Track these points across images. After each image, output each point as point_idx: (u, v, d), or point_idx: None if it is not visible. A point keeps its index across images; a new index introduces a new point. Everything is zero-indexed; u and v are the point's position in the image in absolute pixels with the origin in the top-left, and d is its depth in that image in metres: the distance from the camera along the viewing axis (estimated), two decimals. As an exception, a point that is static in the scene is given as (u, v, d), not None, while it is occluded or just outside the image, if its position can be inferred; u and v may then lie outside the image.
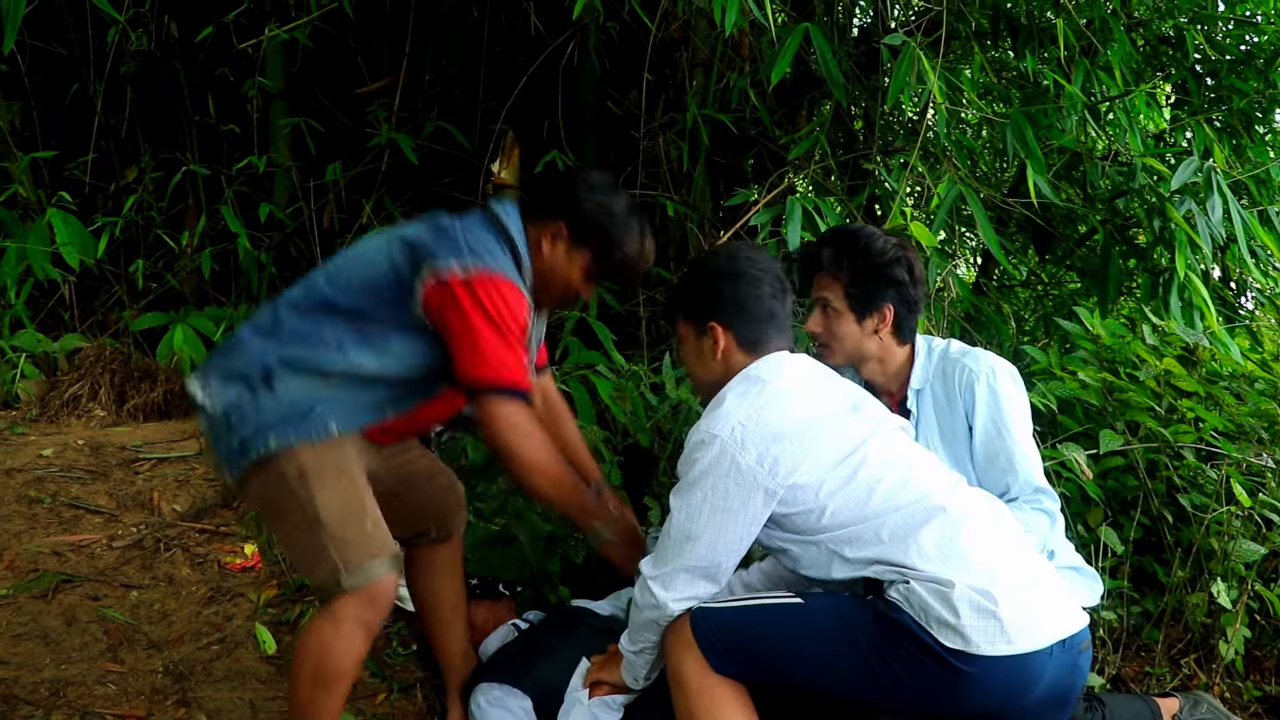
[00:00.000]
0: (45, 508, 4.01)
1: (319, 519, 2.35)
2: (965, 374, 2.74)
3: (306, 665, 2.34)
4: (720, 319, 2.44)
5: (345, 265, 2.51)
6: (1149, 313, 4.04)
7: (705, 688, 2.25)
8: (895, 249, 2.73)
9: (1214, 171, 3.90)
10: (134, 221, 5.65)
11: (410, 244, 2.43)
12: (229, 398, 2.42)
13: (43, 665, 3.10)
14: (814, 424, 2.29)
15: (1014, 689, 2.11)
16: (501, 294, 2.38)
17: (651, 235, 2.66)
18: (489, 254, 2.41)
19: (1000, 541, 2.21)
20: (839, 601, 2.22)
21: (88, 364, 5.41)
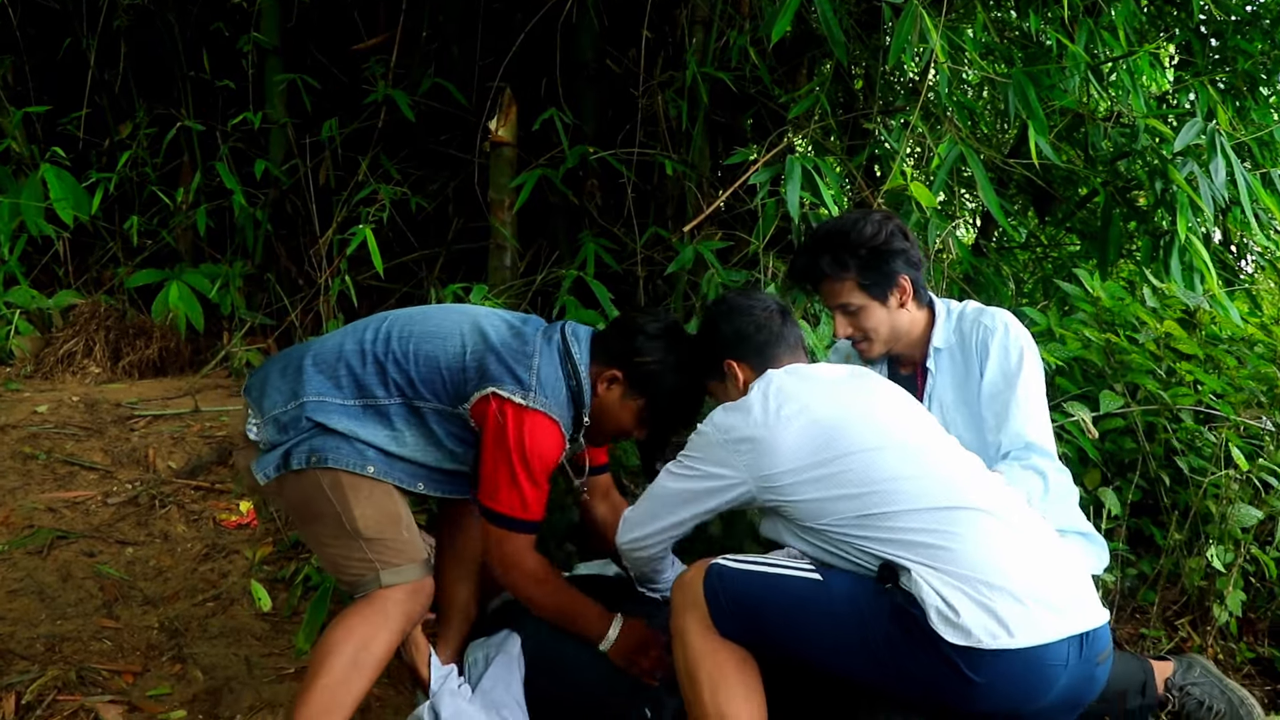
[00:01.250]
0: (40, 464, 4.01)
1: (356, 529, 2.45)
2: (981, 331, 2.75)
3: (347, 648, 2.36)
4: (730, 354, 2.56)
5: (420, 332, 2.58)
6: (1150, 275, 4.02)
7: (707, 649, 2.22)
8: (882, 222, 2.73)
9: (1218, 133, 3.86)
10: (128, 178, 5.62)
11: (492, 351, 2.52)
12: (280, 409, 2.50)
13: (38, 621, 3.10)
14: (824, 415, 2.29)
15: (1024, 694, 2.06)
16: (541, 437, 2.49)
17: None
18: (552, 395, 2.51)
19: (1014, 534, 2.14)
20: (858, 587, 2.16)
21: (82, 320, 5.40)
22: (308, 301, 5.34)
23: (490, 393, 2.47)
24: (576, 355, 2.59)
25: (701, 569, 2.27)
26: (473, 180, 5.11)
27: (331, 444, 2.46)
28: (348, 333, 2.62)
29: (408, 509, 2.58)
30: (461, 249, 5.71)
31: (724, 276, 4.01)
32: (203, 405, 4.67)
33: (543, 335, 2.59)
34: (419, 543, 2.54)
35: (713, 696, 2.19)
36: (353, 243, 4.54)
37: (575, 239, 5.04)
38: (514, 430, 2.46)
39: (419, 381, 2.52)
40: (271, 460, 2.48)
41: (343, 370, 2.53)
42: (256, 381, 2.60)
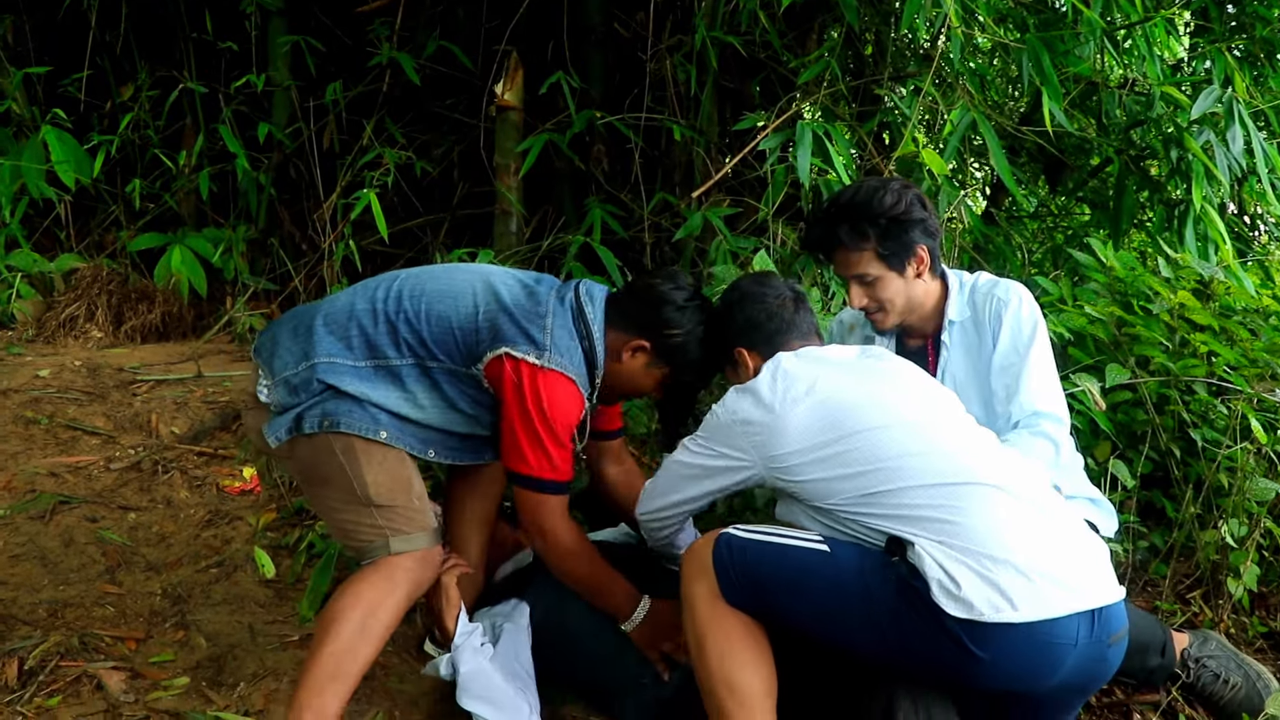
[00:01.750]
0: (42, 429, 3.98)
1: (367, 495, 2.42)
2: (994, 304, 2.74)
3: (354, 615, 2.33)
4: (740, 342, 2.56)
5: (432, 291, 2.54)
6: (1164, 244, 3.97)
7: (715, 617, 2.20)
8: (901, 191, 2.70)
9: (1236, 101, 3.81)
10: (130, 140, 5.57)
11: (505, 310, 2.49)
12: (291, 371, 2.47)
13: (40, 586, 3.08)
14: (831, 396, 2.27)
15: (1031, 672, 2.03)
16: (561, 396, 2.47)
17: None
18: (567, 355, 2.49)
19: (1023, 509, 2.11)
20: (865, 560, 2.14)
21: (84, 284, 5.37)
22: (311, 266, 5.29)
23: (504, 353, 2.44)
24: (590, 316, 2.56)
25: (711, 538, 2.26)
26: (478, 145, 5.05)
27: (344, 408, 2.43)
28: (358, 292, 2.58)
29: (419, 476, 2.55)
30: (467, 214, 5.67)
31: (732, 243, 3.97)
32: (206, 370, 4.64)
33: (556, 295, 2.56)
34: (429, 511, 2.51)
35: (720, 664, 2.18)
36: (357, 207, 4.50)
37: (581, 205, 4.99)
38: (532, 391, 2.43)
39: (431, 342, 2.48)
40: (283, 423, 2.45)
41: (354, 330, 2.49)
42: (266, 341, 2.56)
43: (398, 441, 2.48)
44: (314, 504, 2.61)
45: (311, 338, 2.48)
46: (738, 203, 4.58)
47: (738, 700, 2.16)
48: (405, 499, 2.46)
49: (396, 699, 2.73)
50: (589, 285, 2.65)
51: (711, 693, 2.19)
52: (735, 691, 2.16)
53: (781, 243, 3.97)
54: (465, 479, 2.91)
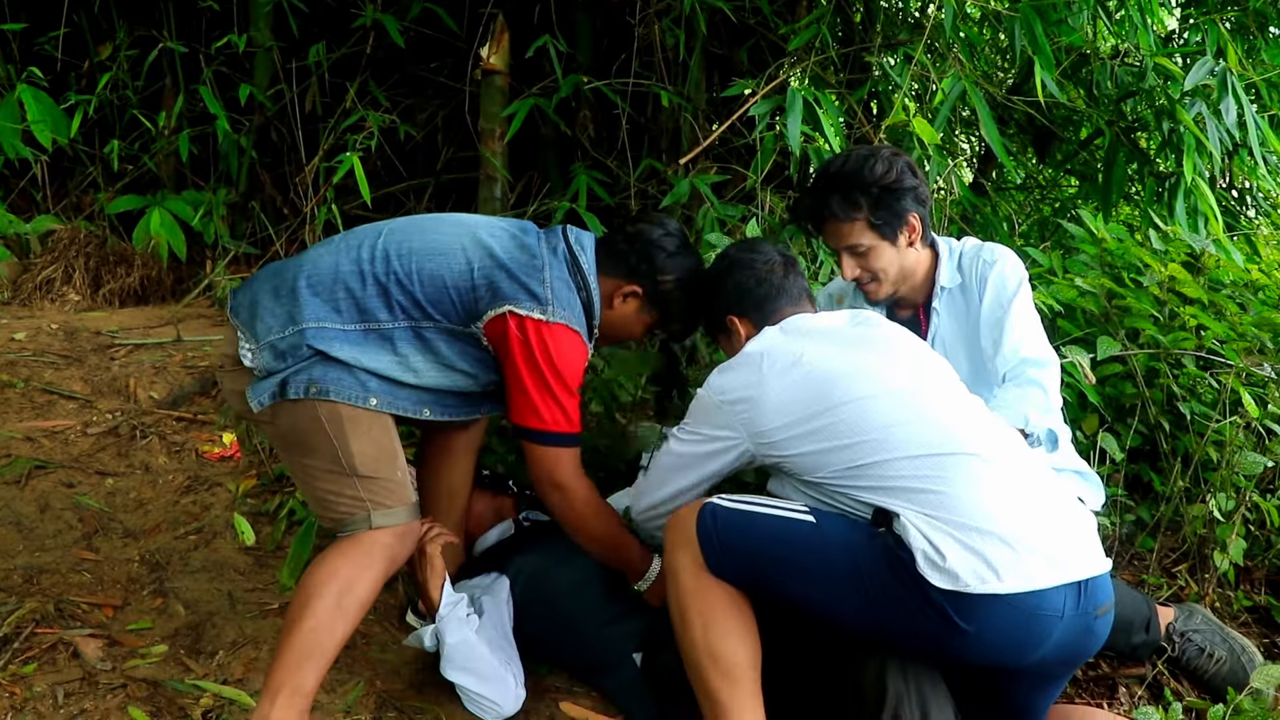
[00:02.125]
0: (18, 392, 3.92)
1: (351, 466, 2.35)
2: (980, 265, 2.74)
3: (332, 589, 2.27)
4: (732, 310, 2.56)
5: (420, 248, 2.47)
6: (1155, 217, 3.94)
7: (699, 588, 2.18)
8: (892, 159, 2.67)
9: (1229, 73, 3.77)
10: (108, 100, 5.46)
11: (501, 267, 2.43)
12: (277, 335, 2.39)
13: (15, 552, 3.04)
14: (817, 367, 2.25)
15: (1017, 644, 2.01)
16: (568, 347, 2.45)
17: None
18: (569, 308, 2.46)
19: (1009, 480, 2.09)
20: (852, 531, 2.13)
21: (61, 246, 5.29)
22: (293, 230, 5.23)
23: (507, 311, 2.39)
24: (585, 265, 2.54)
25: (695, 508, 2.24)
26: (463, 109, 4.98)
27: (333, 374, 2.36)
28: (340, 251, 2.48)
29: (401, 448, 2.48)
30: (451, 179, 5.61)
31: (720, 211, 3.93)
32: (185, 335, 4.58)
33: (547, 245, 2.52)
34: (410, 485, 2.46)
35: (704, 635, 2.16)
36: (339, 170, 4.43)
37: (567, 171, 4.94)
38: (540, 346, 2.40)
39: (426, 303, 2.42)
40: (267, 388, 2.37)
41: (341, 293, 2.41)
42: (244, 302, 2.46)
43: (389, 407, 2.42)
44: (293, 471, 2.55)
45: (297, 301, 2.40)
46: (725, 170, 4.53)
47: (722, 671, 2.13)
48: (389, 471, 2.40)
49: (378, 668, 2.71)
50: (577, 233, 2.61)
51: (695, 664, 2.17)
52: (720, 663, 2.14)
53: (770, 211, 3.93)
54: (440, 447, 2.87)
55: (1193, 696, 2.71)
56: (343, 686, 2.59)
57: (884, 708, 2.16)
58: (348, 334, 2.39)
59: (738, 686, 2.13)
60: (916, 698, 2.18)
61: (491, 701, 2.51)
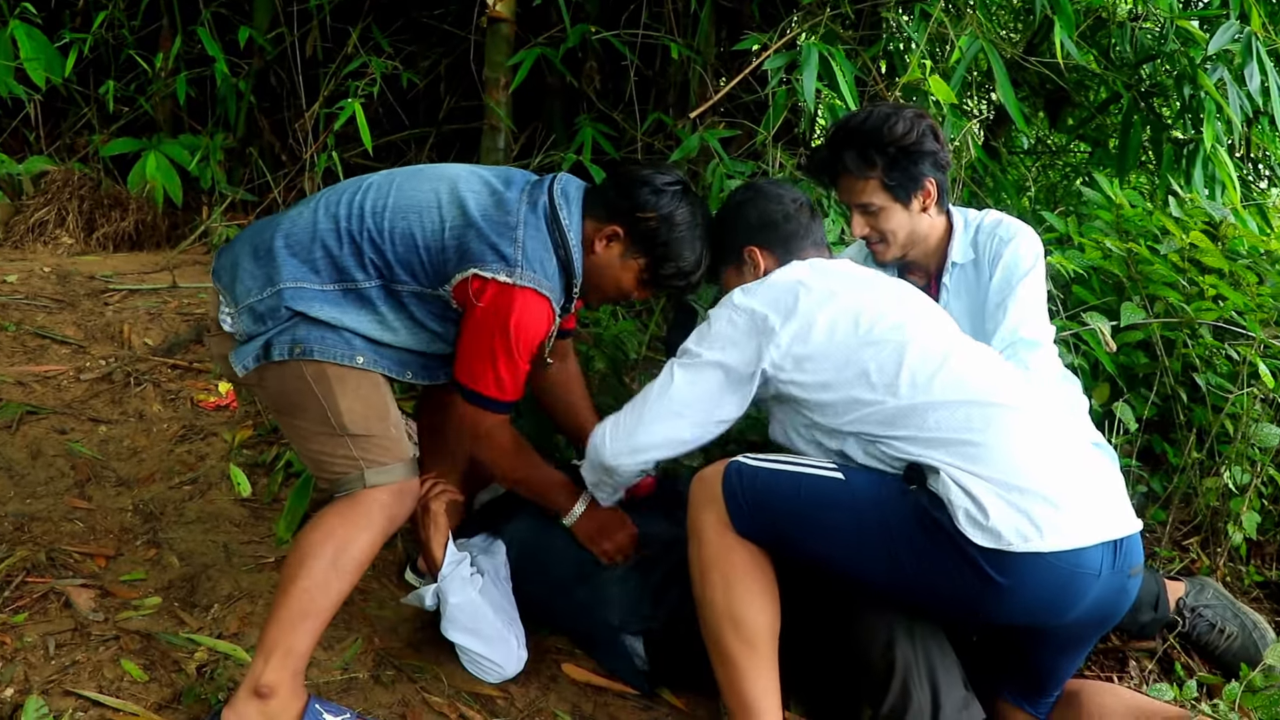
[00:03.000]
0: (9, 336, 3.85)
1: (342, 425, 2.28)
2: (995, 243, 2.67)
3: (327, 551, 2.20)
4: (754, 241, 2.46)
5: (395, 205, 2.35)
6: (1174, 184, 3.87)
7: (723, 547, 2.13)
8: (914, 120, 2.58)
9: (1254, 37, 3.69)
10: (104, 40, 5.33)
11: (472, 226, 2.31)
12: (256, 298, 2.31)
13: (7, 499, 2.98)
14: (834, 302, 2.20)
15: (1054, 604, 1.97)
16: (527, 315, 2.31)
17: (707, 246, 2.52)
18: (540, 269, 2.32)
19: (1048, 434, 2.05)
20: (881, 488, 2.07)
21: (55, 189, 5.20)
22: (291, 178, 5.14)
23: (472, 274, 2.28)
24: (565, 220, 2.39)
25: (720, 467, 2.18)
26: (467, 57, 4.87)
27: (316, 334, 2.28)
28: (319, 207, 2.38)
29: (394, 402, 2.41)
30: (453, 129, 5.51)
31: (730, 166, 3.84)
32: (181, 281, 4.50)
33: (527, 199, 2.37)
34: (406, 441, 2.38)
35: (726, 597, 2.11)
36: (340, 117, 4.33)
37: (572, 123, 4.84)
38: (500, 311, 2.28)
39: (396, 263, 2.32)
40: (250, 351, 2.30)
41: (319, 252, 2.31)
42: (226, 264, 2.38)
43: (374, 365, 2.35)
44: (285, 432, 2.47)
45: (274, 261, 2.31)
46: (732, 126, 4.44)
47: (743, 637, 2.09)
48: (381, 427, 2.32)
49: (376, 625, 2.66)
50: (564, 183, 2.45)
51: (715, 627, 2.12)
52: (740, 627, 2.09)
53: (779, 166, 3.85)
54: (438, 403, 2.80)
55: (1203, 672, 2.68)
56: (340, 644, 2.55)
57: (893, 676, 2.14)
58: (326, 294, 2.31)
59: (756, 652, 2.09)
60: (925, 667, 2.15)
61: (494, 663, 2.47)
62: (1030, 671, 2.24)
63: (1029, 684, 2.27)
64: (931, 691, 2.12)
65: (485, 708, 2.44)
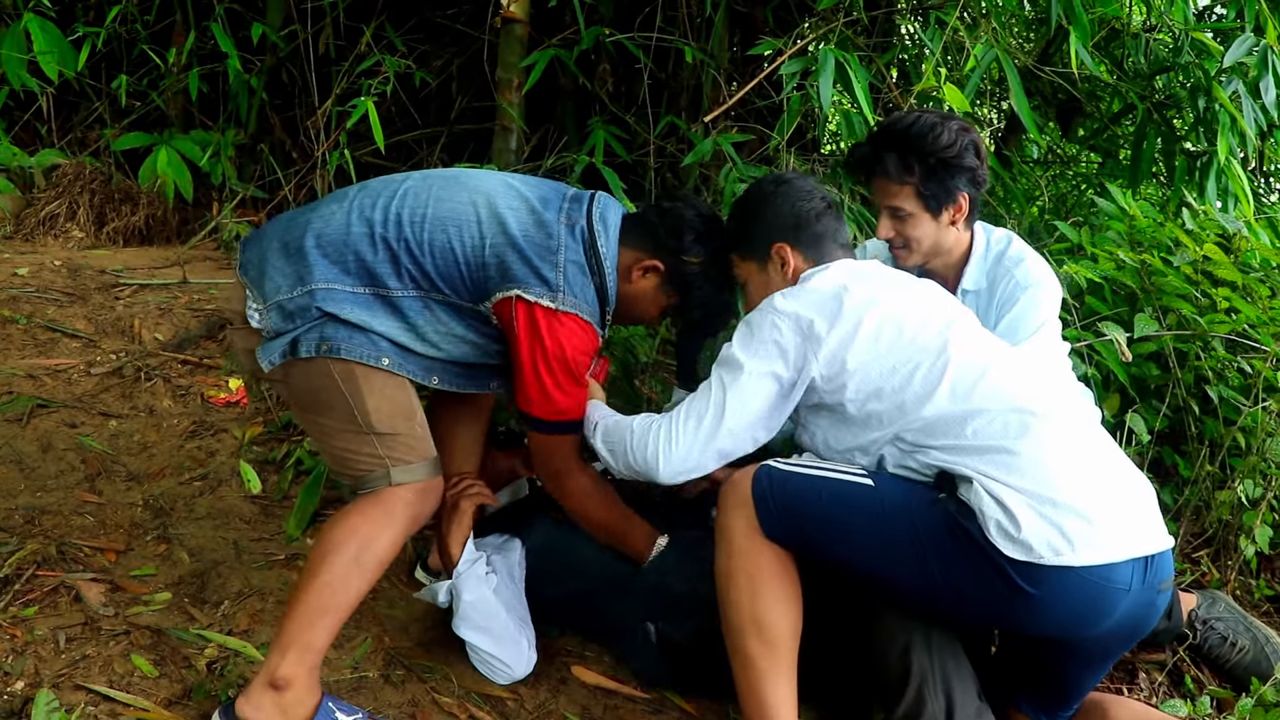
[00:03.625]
0: (20, 329, 3.85)
1: (368, 423, 2.28)
2: (1010, 285, 2.65)
3: (350, 545, 2.21)
4: (783, 238, 2.41)
5: (434, 216, 2.36)
6: (1188, 196, 3.87)
7: (751, 550, 2.12)
8: (960, 134, 2.58)
9: (1270, 50, 3.69)
10: (117, 34, 5.33)
11: (513, 246, 2.34)
12: (285, 296, 2.30)
13: (17, 491, 2.98)
14: (877, 313, 2.19)
15: (1084, 617, 1.97)
16: (576, 338, 2.38)
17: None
18: (581, 295, 2.37)
19: (1083, 446, 2.05)
20: (911, 495, 2.07)
21: (66, 182, 5.19)
22: (302, 175, 5.12)
23: (515, 295, 2.32)
24: (603, 249, 2.42)
25: (750, 471, 2.17)
26: (481, 57, 4.87)
27: (344, 333, 2.28)
28: (352, 209, 2.38)
29: (419, 403, 2.42)
30: (465, 129, 5.50)
31: (743, 171, 3.84)
32: (191, 277, 4.49)
33: (566, 222, 2.40)
34: (430, 440, 2.39)
35: (751, 600, 2.11)
36: (353, 115, 4.32)
37: (584, 125, 4.83)
38: (550, 337, 2.34)
39: (435, 275, 2.34)
40: (277, 347, 2.29)
41: (351, 257, 2.32)
42: (253, 259, 2.37)
43: (400, 369, 2.35)
44: (308, 430, 2.47)
45: (305, 260, 2.31)
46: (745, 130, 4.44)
47: (765, 640, 2.09)
48: (407, 426, 2.33)
49: (386, 624, 2.66)
50: (603, 208, 2.48)
51: (737, 627, 2.12)
52: (763, 630, 2.10)
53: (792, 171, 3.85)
54: (451, 410, 2.80)
55: (1213, 685, 2.68)
56: (350, 642, 2.55)
57: (908, 682, 2.15)
58: (357, 296, 2.32)
59: (777, 655, 2.10)
60: (940, 674, 2.16)
61: (503, 663, 2.46)
62: (1054, 683, 2.23)
63: (1051, 696, 2.26)
64: (946, 699, 2.12)
65: (495, 709, 2.44)
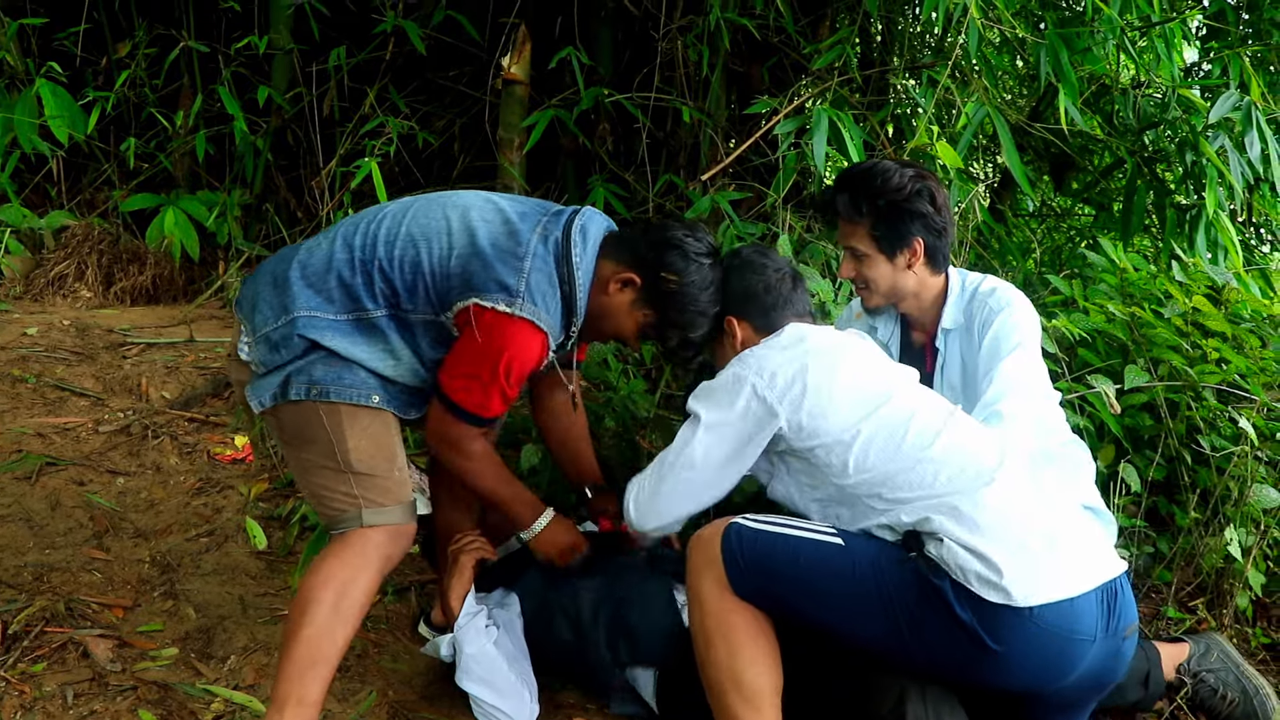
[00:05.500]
0: (29, 388, 3.90)
1: (347, 462, 2.32)
2: (986, 313, 2.66)
3: (328, 595, 2.25)
4: (733, 311, 2.48)
5: (408, 234, 2.38)
6: (1177, 248, 3.94)
7: (724, 611, 2.16)
8: (913, 180, 2.61)
9: (1254, 106, 3.77)
10: (126, 98, 5.45)
11: (478, 255, 2.32)
12: (271, 327, 2.35)
13: (26, 549, 3.02)
14: (840, 368, 2.25)
15: (1050, 670, 2.02)
16: (522, 346, 2.33)
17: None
18: (542, 303, 2.33)
19: (1034, 496, 2.12)
20: (880, 554, 2.11)
21: (75, 243, 5.28)
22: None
23: (473, 303, 2.30)
24: (576, 259, 2.39)
25: (719, 528, 2.21)
26: (482, 118, 4.97)
27: (333, 374, 2.32)
28: (337, 237, 2.41)
29: (402, 446, 2.45)
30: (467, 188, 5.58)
31: (740, 228, 3.92)
32: (197, 335, 4.56)
33: (540, 233, 2.37)
34: (408, 484, 2.42)
35: (729, 660, 2.14)
36: (358, 175, 4.41)
37: (584, 183, 4.92)
38: (495, 338, 2.30)
39: (402, 290, 2.34)
40: (268, 389, 2.34)
41: (333, 282, 2.35)
42: (248, 295, 2.43)
43: (387, 405, 2.38)
44: (291, 465, 2.50)
45: (290, 291, 2.35)
46: (742, 188, 4.52)
47: (744, 698, 2.12)
48: (386, 468, 2.36)
49: (390, 678, 2.69)
50: (586, 219, 2.46)
51: (718, 688, 2.15)
52: (743, 689, 2.13)
53: (789, 229, 3.91)
54: None
55: (1211, 733, 2.68)
56: (355, 696, 2.57)
57: (903, 734, 2.16)
58: (338, 324, 2.35)
59: (760, 713, 2.13)
60: (935, 725, 2.17)
61: (506, 715, 2.48)
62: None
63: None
64: (941, 749, 2.14)
65: (498, 761, 2.46)
